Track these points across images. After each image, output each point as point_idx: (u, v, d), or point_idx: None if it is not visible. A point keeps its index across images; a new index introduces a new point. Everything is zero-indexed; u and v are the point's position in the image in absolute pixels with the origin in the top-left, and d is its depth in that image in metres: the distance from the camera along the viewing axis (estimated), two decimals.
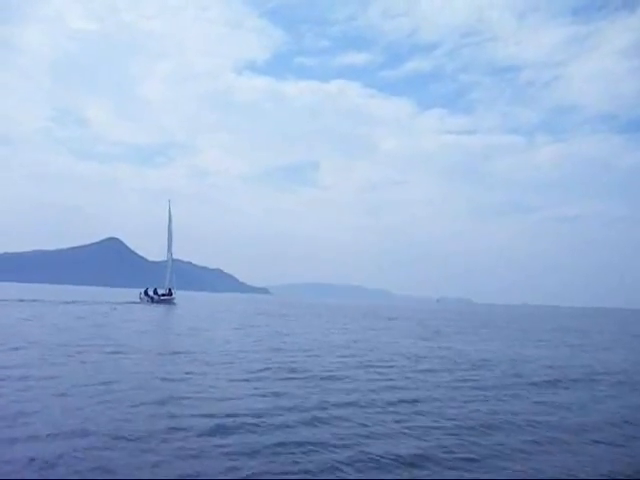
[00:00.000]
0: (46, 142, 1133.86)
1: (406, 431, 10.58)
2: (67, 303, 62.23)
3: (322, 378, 16.39)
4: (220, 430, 10.07)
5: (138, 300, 71.55)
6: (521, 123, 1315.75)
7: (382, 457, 8.88)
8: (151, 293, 72.13)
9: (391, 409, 12.55)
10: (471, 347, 28.40)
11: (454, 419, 11.71)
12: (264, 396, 13.24)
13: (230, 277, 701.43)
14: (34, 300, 63.49)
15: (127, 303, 67.40)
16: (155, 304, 68.69)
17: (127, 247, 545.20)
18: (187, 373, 16.46)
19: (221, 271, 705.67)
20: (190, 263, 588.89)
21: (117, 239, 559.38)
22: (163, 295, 72.79)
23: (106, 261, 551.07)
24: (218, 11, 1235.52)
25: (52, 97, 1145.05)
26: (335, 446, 9.42)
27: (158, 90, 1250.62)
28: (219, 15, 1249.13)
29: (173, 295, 74.16)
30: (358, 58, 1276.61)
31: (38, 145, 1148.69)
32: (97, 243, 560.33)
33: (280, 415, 11.37)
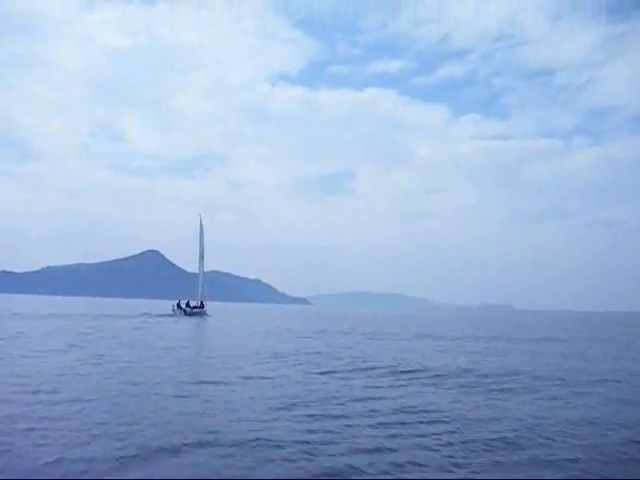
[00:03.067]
0: (84, 157, 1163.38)
1: None
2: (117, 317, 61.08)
3: None
4: None
5: (171, 312, 70.36)
6: (557, 127, 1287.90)
7: None
8: (183, 305, 71.26)
9: None
10: None
11: None
12: None
13: (269, 287, 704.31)
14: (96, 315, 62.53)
15: (159, 316, 66.23)
16: (187, 317, 67.55)
17: (166, 259, 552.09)
18: None
19: (260, 282, 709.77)
20: (229, 274, 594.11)
21: (157, 251, 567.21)
22: (195, 307, 72.02)
23: (146, 273, 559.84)
24: (252, 23, 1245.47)
25: (88, 113, 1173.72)
26: None
27: (193, 103, 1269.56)
28: (253, 27, 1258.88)
29: (205, 307, 73.41)
30: (391, 65, 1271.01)
31: (76, 160, 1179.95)
32: (137, 255, 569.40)
33: None
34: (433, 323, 79.39)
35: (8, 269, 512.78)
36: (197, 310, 71.57)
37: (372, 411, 13.48)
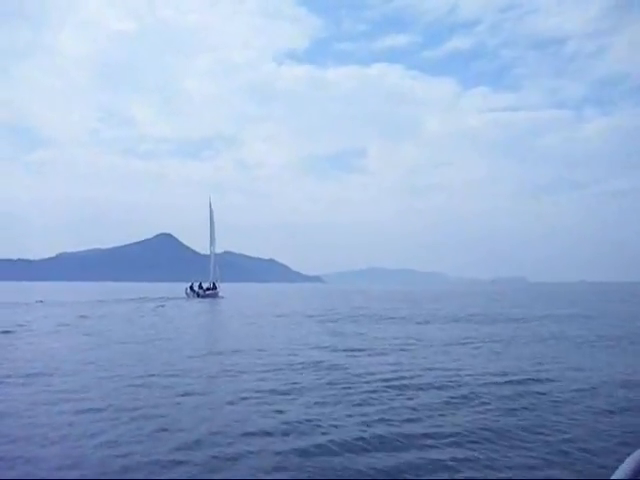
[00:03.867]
0: (94, 143, 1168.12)
1: None
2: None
3: None
4: None
5: (184, 295, 70.39)
6: (567, 97, 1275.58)
7: None
8: (196, 288, 71.15)
9: None
10: None
11: None
12: None
13: (284, 267, 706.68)
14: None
15: (172, 299, 66.16)
16: (200, 299, 67.62)
17: (179, 242, 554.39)
18: None
19: (274, 261, 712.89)
20: (243, 255, 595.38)
21: (169, 234, 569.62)
22: (208, 289, 71.74)
23: (161, 256, 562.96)
24: (254, 2, 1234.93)
25: (96, 99, 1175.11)
26: None
27: (200, 85, 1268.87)
28: (256, 6, 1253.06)
29: (218, 289, 73.09)
30: (398, 40, 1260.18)
31: (86, 146, 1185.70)
32: (150, 239, 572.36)
33: None
34: (448, 301, 77.75)
35: (23, 257, 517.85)
36: (210, 292, 71.28)
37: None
